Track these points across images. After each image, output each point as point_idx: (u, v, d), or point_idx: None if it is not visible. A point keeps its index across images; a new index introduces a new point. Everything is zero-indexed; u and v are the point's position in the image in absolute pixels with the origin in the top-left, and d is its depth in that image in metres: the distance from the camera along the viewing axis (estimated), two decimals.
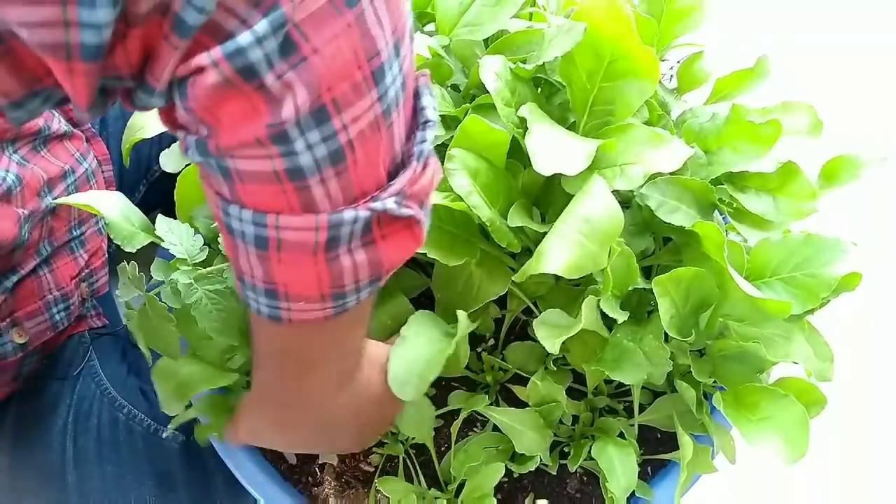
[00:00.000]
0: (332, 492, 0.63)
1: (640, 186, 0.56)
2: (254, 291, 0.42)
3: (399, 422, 0.61)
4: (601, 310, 0.54)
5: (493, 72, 0.55)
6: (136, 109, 0.36)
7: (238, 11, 0.31)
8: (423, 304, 0.62)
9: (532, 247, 0.57)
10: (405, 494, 0.60)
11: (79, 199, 0.55)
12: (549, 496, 0.63)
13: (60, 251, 0.74)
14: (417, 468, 0.64)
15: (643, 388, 0.64)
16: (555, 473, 0.63)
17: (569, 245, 0.48)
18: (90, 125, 0.84)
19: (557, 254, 0.48)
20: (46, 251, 0.72)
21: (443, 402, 0.65)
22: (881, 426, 1.14)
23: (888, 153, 0.60)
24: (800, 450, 0.49)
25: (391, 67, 0.36)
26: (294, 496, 0.62)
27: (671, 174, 0.57)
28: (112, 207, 0.55)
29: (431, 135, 0.42)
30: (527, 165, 0.58)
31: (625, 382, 0.55)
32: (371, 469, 0.64)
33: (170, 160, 0.59)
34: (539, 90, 0.63)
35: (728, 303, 0.55)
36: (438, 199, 0.52)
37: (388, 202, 0.39)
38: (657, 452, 0.65)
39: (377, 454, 0.65)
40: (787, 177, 0.59)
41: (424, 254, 0.54)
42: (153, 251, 0.59)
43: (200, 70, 0.32)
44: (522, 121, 0.55)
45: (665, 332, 0.54)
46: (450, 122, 0.59)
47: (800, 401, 0.52)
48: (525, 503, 0.62)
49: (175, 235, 0.54)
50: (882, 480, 1.10)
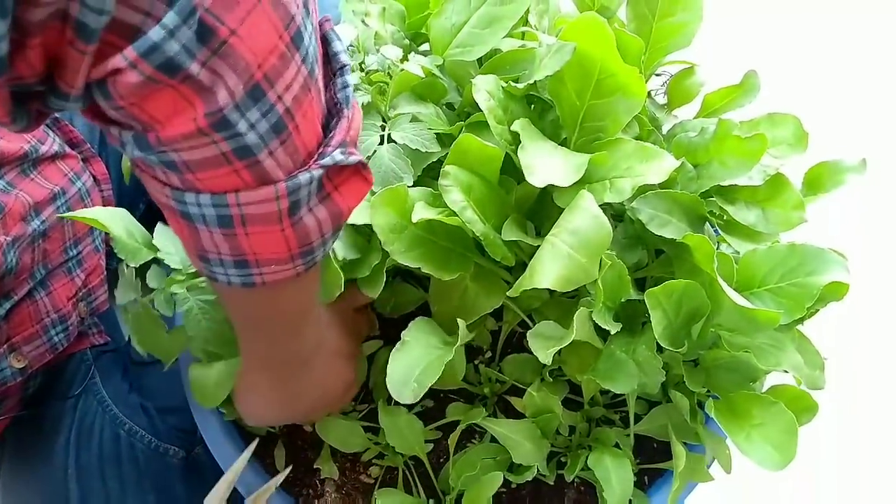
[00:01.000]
0: (333, 503, 0.64)
1: (632, 200, 0.57)
2: (222, 266, 0.42)
3: (389, 437, 0.62)
4: (595, 321, 0.55)
5: (486, 90, 0.57)
6: (54, 112, 0.35)
7: (140, 5, 0.30)
8: None
9: (526, 260, 0.58)
10: None
11: (85, 215, 0.56)
12: None
13: (56, 272, 0.74)
14: (416, 480, 0.64)
15: (638, 399, 0.65)
16: (552, 484, 0.64)
17: (559, 259, 0.49)
18: (89, 145, 0.85)
19: (549, 268, 0.49)
20: (41, 274, 0.72)
21: (441, 414, 0.66)
22: (875, 435, 1.14)
23: (867, 157, 0.61)
24: (788, 456, 0.50)
25: (306, 28, 0.37)
26: None
27: (661, 188, 0.58)
28: (117, 223, 0.56)
29: (350, 78, 0.43)
30: (520, 181, 0.60)
31: (618, 392, 0.56)
32: (371, 481, 0.65)
33: None
34: (531, 108, 0.64)
35: (719, 313, 0.56)
36: (433, 214, 0.53)
37: (336, 154, 0.40)
38: (653, 462, 0.66)
39: (377, 466, 0.66)
40: (775, 188, 0.60)
41: (420, 268, 0.55)
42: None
43: (117, 72, 0.31)
44: (515, 137, 0.56)
45: (658, 343, 0.55)
46: (444, 140, 0.60)
47: (791, 408, 0.53)
48: None
49: (172, 245, 0.55)
50: (877, 489, 1.10)
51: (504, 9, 0.60)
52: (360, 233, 0.58)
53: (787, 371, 0.56)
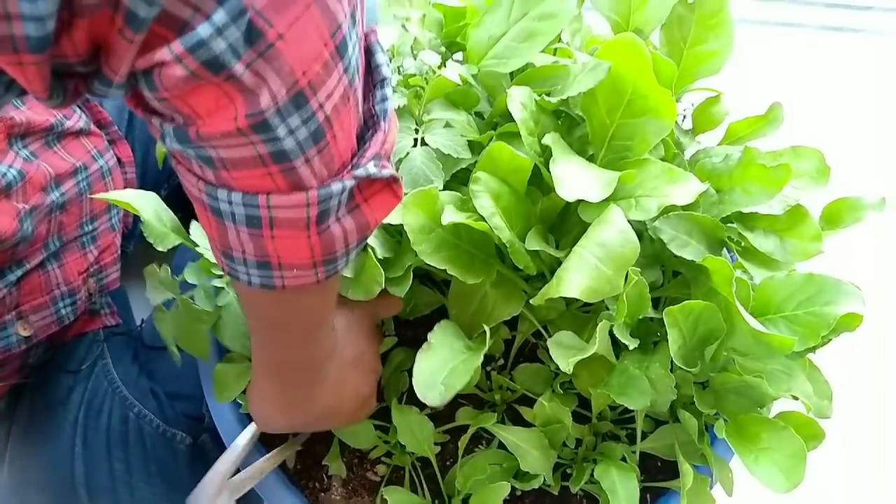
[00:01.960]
0: (339, 498, 0.65)
1: (654, 220, 0.58)
2: (244, 265, 0.43)
3: (401, 435, 0.63)
4: (610, 336, 0.56)
5: (520, 102, 0.58)
6: (95, 97, 0.36)
7: (191, 0, 0.30)
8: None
9: (547, 271, 0.59)
10: None
11: (116, 197, 0.57)
12: None
13: (70, 246, 0.75)
14: (423, 480, 0.65)
15: (646, 416, 0.65)
16: (556, 494, 0.64)
17: (586, 269, 0.50)
18: (116, 127, 0.86)
19: (576, 278, 0.50)
20: (55, 246, 0.73)
21: (450, 418, 0.66)
22: (880, 465, 1.15)
23: (887, 196, 0.63)
24: (795, 480, 0.51)
25: (351, 38, 0.37)
26: (301, 500, 0.63)
27: (684, 210, 0.59)
28: (147, 207, 0.57)
29: (390, 91, 0.43)
30: (546, 192, 0.61)
31: (629, 408, 0.56)
32: (377, 479, 0.66)
33: None
34: (560, 122, 0.65)
35: (734, 336, 0.57)
36: (462, 219, 0.54)
37: (370, 167, 0.41)
38: (657, 480, 0.66)
39: (384, 464, 0.66)
40: (795, 219, 0.62)
41: (444, 270, 0.56)
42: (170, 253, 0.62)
43: (162, 64, 0.31)
44: (545, 149, 0.57)
45: (671, 362, 0.56)
46: (474, 148, 0.61)
47: (799, 434, 0.54)
48: None
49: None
50: None
51: (542, 24, 0.62)
52: (391, 233, 0.59)
53: (797, 398, 0.57)
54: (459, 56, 0.69)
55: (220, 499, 0.59)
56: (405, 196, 0.55)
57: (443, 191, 0.58)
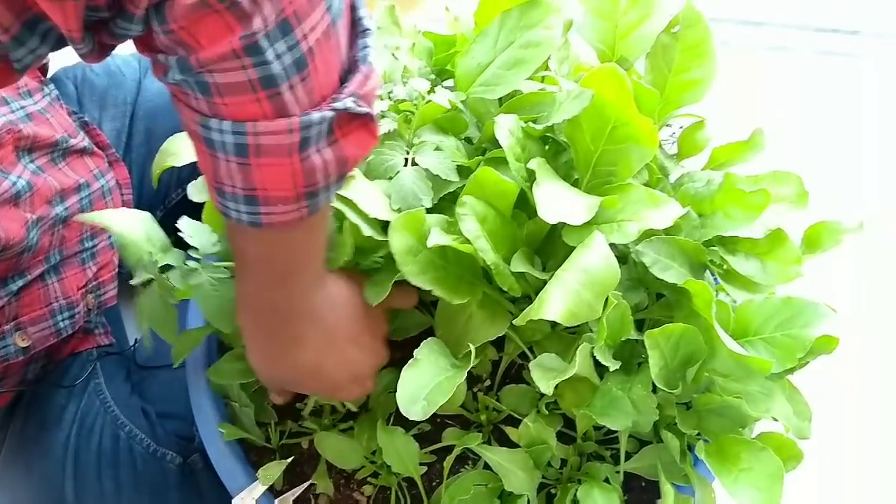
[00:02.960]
0: None
1: (636, 243, 0.60)
2: (234, 201, 0.47)
3: (386, 455, 0.63)
4: (594, 358, 0.57)
5: (507, 129, 0.59)
6: (115, 41, 0.41)
7: None
8: None
9: (532, 293, 0.60)
10: None
11: (103, 216, 0.59)
12: None
13: (70, 261, 0.76)
14: (409, 500, 0.66)
15: (630, 437, 0.66)
16: None
17: (567, 294, 0.51)
18: (114, 150, 0.88)
19: (556, 301, 0.51)
20: (55, 259, 0.75)
21: (437, 439, 0.67)
22: (858, 488, 1.16)
23: (865, 220, 0.64)
24: (773, 500, 0.52)
25: None
26: None
27: (666, 234, 0.61)
28: (134, 227, 0.59)
29: (371, 42, 0.48)
30: (531, 216, 0.62)
31: (612, 428, 0.57)
32: (364, 499, 0.67)
33: (197, 191, 0.63)
34: (546, 148, 0.67)
35: (714, 358, 0.58)
36: (448, 241, 0.55)
37: (348, 101, 0.45)
38: (641, 500, 0.67)
39: (371, 484, 0.67)
40: (775, 242, 0.63)
41: (429, 291, 0.57)
42: None
43: None
44: (531, 174, 0.59)
45: (653, 383, 0.57)
46: (462, 172, 0.63)
47: (778, 455, 0.55)
48: None
49: (193, 230, 0.60)
50: None
51: (528, 52, 0.63)
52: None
53: (776, 419, 0.58)
54: (449, 83, 0.71)
55: None
56: (393, 220, 0.56)
57: (431, 213, 0.59)
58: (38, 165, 0.74)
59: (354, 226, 0.57)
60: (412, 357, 0.57)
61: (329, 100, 0.45)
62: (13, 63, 0.39)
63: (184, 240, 0.62)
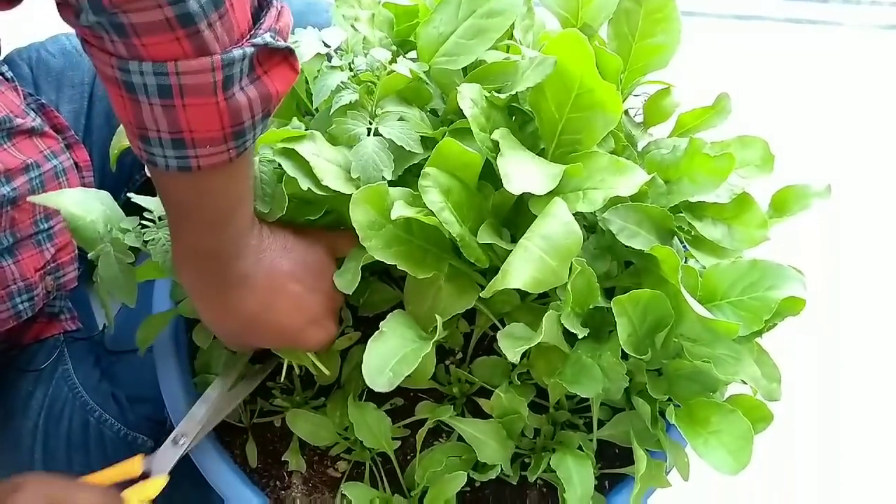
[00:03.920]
0: (300, 495, 0.65)
1: (603, 211, 0.59)
2: (160, 146, 0.46)
3: (358, 431, 0.63)
4: (564, 327, 0.57)
5: (470, 98, 0.59)
6: None
7: None
8: None
9: (500, 264, 0.60)
10: (370, 500, 0.62)
11: (59, 196, 0.58)
12: None
13: (25, 243, 0.75)
14: (383, 475, 0.66)
15: (603, 405, 0.67)
16: (515, 484, 0.65)
17: (531, 261, 0.51)
18: (73, 132, 0.85)
19: (520, 270, 0.51)
20: (8, 241, 0.73)
21: (410, 413, 0.67)
22: (833, 445, 1.18)
23: (833, 184, 0.64)
24: (742, 461, 0.53)
25: None
26: (261, 497, 0.63)
27: (633, 201, 0.61)
28: (94, 206, 0.58)
29: None
30: (498, 187, 0.62)
31: (582, 396, 0.58)
32: (338, 475, 0.66)
33: None
34: (513, 119, 0.66)
35: (682, 323, 0.58)
36: (411, 213, 0.54)
37: (266, 37, 0.45)
38: (614, 467, 0.67)
39: (345, 461, 0.67)
40: (741, 207, 0.63)
41: (396, 266, 0.57)
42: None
43: None
44: (496, 145, 0.58)
45: (623, 350, 0.57)
46: (427, 144, 0.62)
47: (747, 417, 0.56)
48: None
49: (145, 200, 0.60)
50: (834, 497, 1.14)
51: (490, 21, 0.62)
52: None
53: (745, 382, 0.59)
54: (413, 55, 0.70)
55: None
56: (355, 193, 0.55)
57: (395, 186, 0.58)
58: None
59: (292, 179, 0.56)
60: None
61: (247, 36, 0.45)
62: None
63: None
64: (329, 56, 0.64)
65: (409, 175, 0.61)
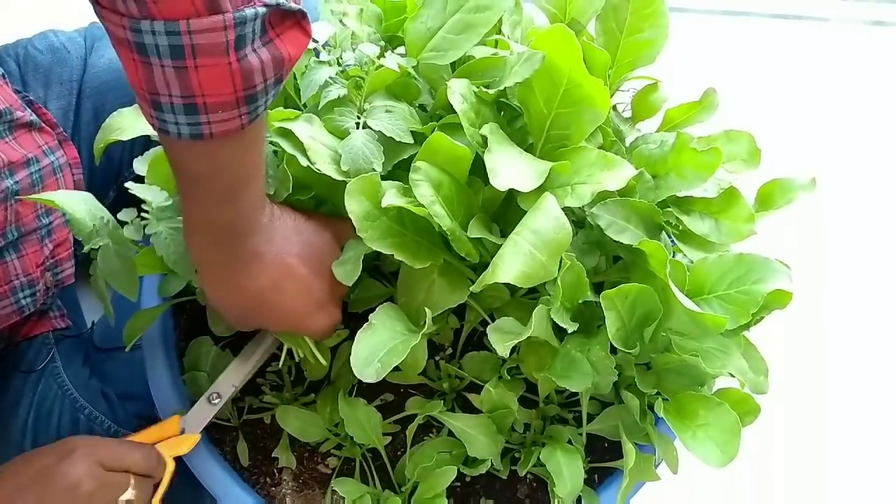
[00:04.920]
0: (290, 492, 0.65)
1: (591, 206, 0.60)
2: (172, 113, 0.46)
3: (348, 427, 0.63)
4: (553, 322, 0.57)
5: (460, 93, 0.59)
6: None
7: None
8: None
9: (490, 259, 0.60)
10: (360, 495, 0.62)
11: (46, 197, 0.57)
12: (500, 501, 0.66)
13: (29, 238, 0.74)
14: (373, 471, 0.66)
15: (592, 399, 0.67)
16: (505, 478, 0.66)
17: (521, 256, 0.51)
18: (62, 129, 0.85)
19: (510, 264, 0.51)
20: (13, 235, 0.73)
21: (400, 409, 0.67)
22: (817, 438, 1.19)
23: (818, 177, 0.65)
24: (730, 454, 0.53)
25: None
26: (252, 495, 0.63)
27: (621, 196, 0.61)
28: (80, 206, 0.57)
29: None
30: (488, 182, 0.62)
31: (572, 390, 0.58)
32: (328, 471, 0.66)
33: (144, 165, 0.61)
34: (502, 114, 0.66)
35: (671, 317, 0.59)
36: (402, 202, 0.54)
37: None
38: (604, 460, 0.68)
39: (335, 457, 0.67)
40: (729, 201, 0.63)
41: (389, 263, 0.57)
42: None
43: None
44: (485, 140, 0.58)
45: (612, 345, 0.58)
46: (417, 139, 0.62)
47: (735, 410, 0.56)
48: None
49: (142, 190, 0.59)
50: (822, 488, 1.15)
51: (477, 16, 0.62)
52: None
53: (733, 375, 0.59)
54: (401, 51, 0.70)
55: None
56: (348, 183, 0.55)
57: (386, 179, 0.58)
58: None
59: (292, 157, 0.57)
60: None
61: None
62: None
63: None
64: (317, 51, 0.64)
65: (399, 171, 0.61)
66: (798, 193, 0.67)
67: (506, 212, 0.64)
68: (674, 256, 0.64)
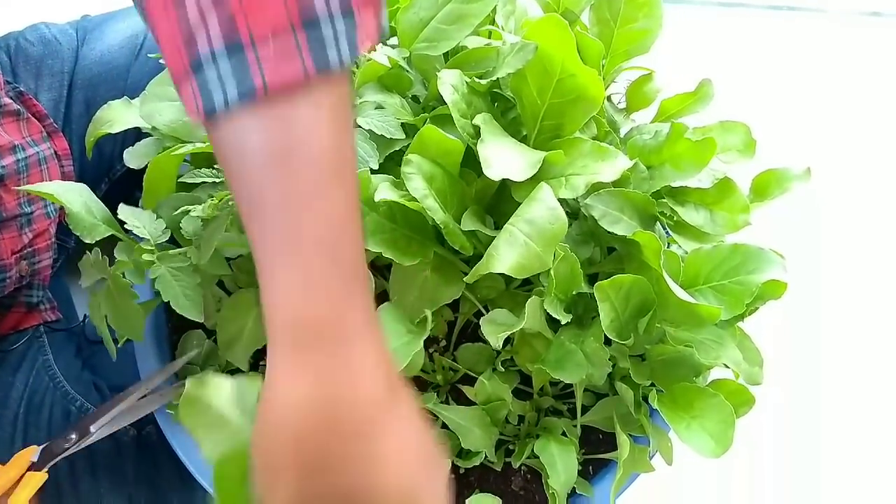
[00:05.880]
0: None
1: (585, 197, 0.59)
2: (214, 64, 0.36)
3: None
4: (547, 313, 0.57)
5: (451, 84, 0.58)
6: None
7: None
8: None
9: (483, 251, 0.60)
10: None
11: (43, 189, 0.56)
12: (495, 493, 0.66)
13: (8, 224, 0.74)
14: None
15: (587, 391, 0.67)
16: (499, 470, 0.66)
17: (516, 246, 0.51)
18: (52, 121, 0.84)
19: (505, 255, 0.51)
20: None
21: None
22: (811, 429, 1.19)
23: (813, 167, 0.65)
24: (724, 445, 0.53)
25: None
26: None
27: (615, 187, 0.61)
28: (74, 198, 0.57)
29: None
30: (480, 174, 0.61)
31: (566, 381, 0.58)
32: None
33: (134, 157, 0.61)
34: (495, 105, 0.66)
35: (665, 308, 0.58)
36: (395, 197, 0.54)
37: None
38: (598, 452, 0.68)
39: None
40: (723, 192, 0.63)
41: (380, 254, 0.57)
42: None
43: None
44: (477, 131, 0.58)
45: (606, 336, 0.58)
46: (408, 131, 0.61)
47: (730, 401, 0.56)
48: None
49: (138, 220, 0.55)
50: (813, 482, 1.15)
51: (470, 6, 0.62)
52: None
53: (727, 366, 0.59)
54: (394, 41, 0.69)
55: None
56: None
57: (377, 173, 0.58)
58: None
59: None
60: None
61: None
62: None
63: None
64: None
65: (391, 163, 0.61)
66: (793, 184, 0.67)
67: (499, 203, 0.63)
68: (668, 247, 0.64)
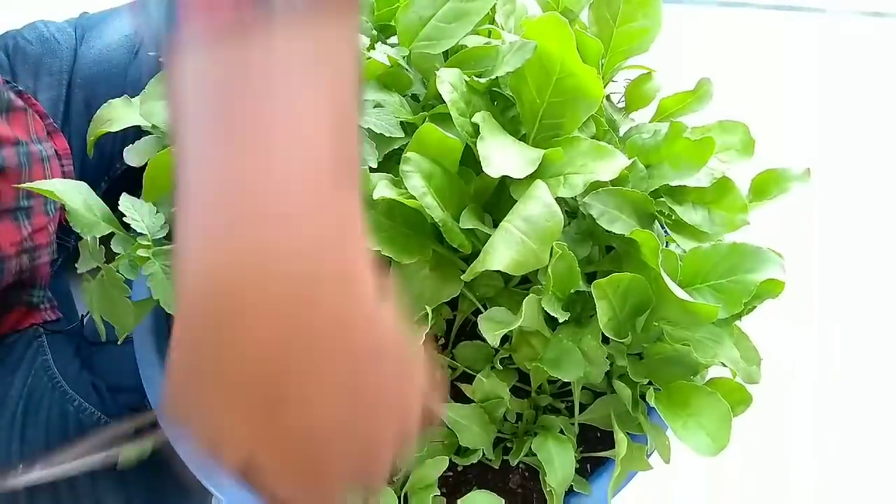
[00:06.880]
0: None
1: (584, 196, 0.59)
2: None
3: None
4: (545, 311, 0.57)
5: (449, 83, 0.58)
6: None
7: None
8: None
9: (482, 249, 0.60)
10: None
11: (43, 186, 0.56)
12: (492, 490, 0.66)
13: (5, 215, 0.74)
14: None
15: (584, 389, 0.67)
16: (497, 468, 0.66)
17: (512, 243, 0.51)
18: (52, 120, 0.85)
19: (502, 252, 0.51)
20: None
21: None
22: (808, 427, 1.20)
23: (813, 167, 0.65)
24: (721, 444, 0.53)
25: None
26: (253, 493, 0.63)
27: (613, 185, 0.61)
28: (74, 196, 0.57)
29: None
30: (479, 172, 0.62)
31: (563, 379, 0.58)
32: None
33: (134, 155, 0.61)
34: (495, 104, 0.66)
35: (663, 307, 0.58)
36: (394, 194, 0.54)
37: None
38: (596, 450, 0.68)
39: None
40: (722, 191, 0.63)
41: (379, 251, 0.57)
42: None
43: None
44: (476, 130, 0.58)
45: (603, 334, 0.58)
46: (408, 129, 0.62)
47: (727, 399, 0.56)
48: None
49: (137, 212, 0.55)
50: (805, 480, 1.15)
51: (469, 5, 0.62)
52: None
53: (725, 365, 0.59)
54: (393, 40, 0.70)
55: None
56: None
57: (376, 171, 0.58)
58: None
59: None
60: None
61: None
62: None
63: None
64: None
65: (390, 161, 0.61)
66: (792, 184, 0.67)
67: (497, 202, 0.63)
68: (666, 246, 0.64)
